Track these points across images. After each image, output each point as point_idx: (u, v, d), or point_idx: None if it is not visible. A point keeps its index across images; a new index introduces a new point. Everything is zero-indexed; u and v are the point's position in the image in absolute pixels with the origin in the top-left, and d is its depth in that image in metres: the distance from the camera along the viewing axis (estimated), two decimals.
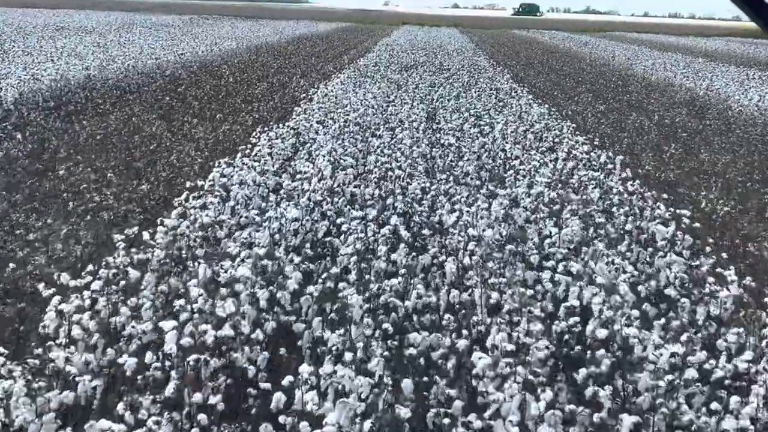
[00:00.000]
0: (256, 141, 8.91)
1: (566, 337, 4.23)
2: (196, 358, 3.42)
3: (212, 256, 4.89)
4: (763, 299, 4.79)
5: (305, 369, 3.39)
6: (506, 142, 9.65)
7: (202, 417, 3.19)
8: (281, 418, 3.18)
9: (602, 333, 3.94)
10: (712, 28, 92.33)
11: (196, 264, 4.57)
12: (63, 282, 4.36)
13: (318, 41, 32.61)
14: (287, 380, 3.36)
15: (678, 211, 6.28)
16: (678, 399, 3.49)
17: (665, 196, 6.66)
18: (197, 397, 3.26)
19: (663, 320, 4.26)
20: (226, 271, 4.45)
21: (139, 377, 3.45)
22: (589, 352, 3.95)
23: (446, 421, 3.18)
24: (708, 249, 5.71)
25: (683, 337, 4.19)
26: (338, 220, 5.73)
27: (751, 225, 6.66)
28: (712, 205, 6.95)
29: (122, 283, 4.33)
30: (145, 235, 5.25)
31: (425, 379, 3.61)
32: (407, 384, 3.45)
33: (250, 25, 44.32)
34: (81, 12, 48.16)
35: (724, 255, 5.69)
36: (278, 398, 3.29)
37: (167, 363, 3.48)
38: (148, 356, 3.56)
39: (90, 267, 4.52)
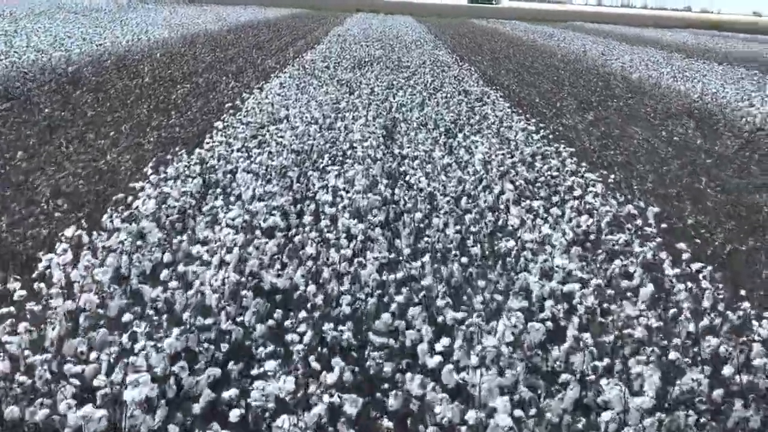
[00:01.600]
0: (142, 185, 6.22)
1: None
2: None
3: None
4: None
5: None
6: (493, 181, 7.18)
7: None
8: None
9: None
10: (667, 18, 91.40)
11: None
12: None
13: (263, 30, 29.77)
14: None
15: None
16: None
17: None
18: None
19: None
20: None
21: None
22: None
23: None
24: None
25: None
26: (228, 393, 3.14)
27: None
28: None
29: None
30: None
31: None
32: None
33: (191, 10, 41.12)
34: None
35: None
36: None
37: None
38: None
39: None
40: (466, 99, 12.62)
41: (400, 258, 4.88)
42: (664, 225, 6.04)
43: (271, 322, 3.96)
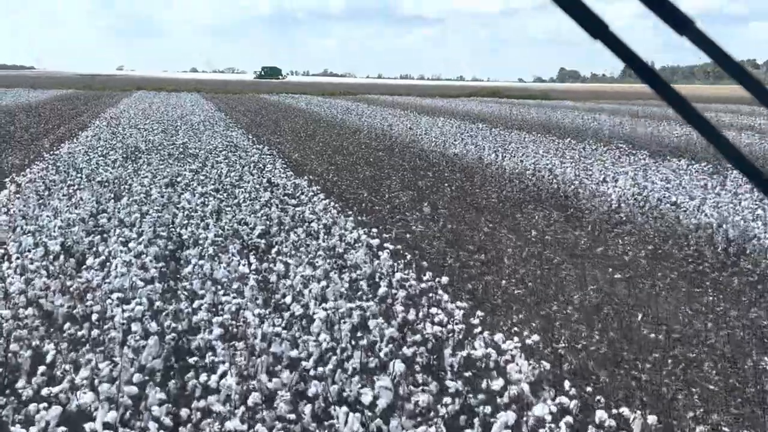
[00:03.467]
0: None
1: None
2: None
3: None
4: None
5: None
6: (349, 358, 4.33)
7: None
8: None
9: None
10: (450, 87, 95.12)
11: None
12: None
13: (20, 115, 25.28)
14: None
15: None
16: None
17: None
18: None
19: None
20: None
21: None
22: None
23: None
24: None
25: None
26: None
27: None
28: None
29: None
30: None
31: None
32: None
33: None
34: None
35: None
36: None
37: None
38: None
39: None
40: (275, 197, 9.79)
41: None
42: None
43: None
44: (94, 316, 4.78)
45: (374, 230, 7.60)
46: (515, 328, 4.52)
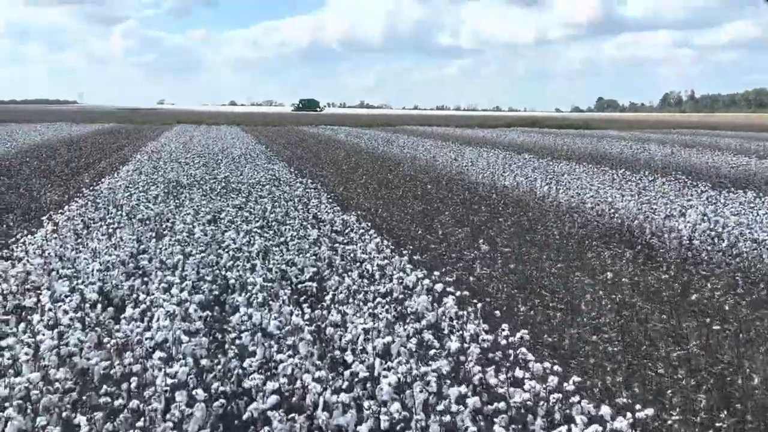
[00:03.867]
0: None
1: None
2: None
3: None
4: None
5: None
6: None
7: None
8: None
9: None
10: (486, 117, 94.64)
11: None
12: None
13: (62, 150, 25.25)
14: None
15: None
16: None
17: None
18: None
19: None
20: None
21: None
22: None
23: None
24: None
25: None
26: None
27: None
28: None
29: None
30: None
31: None
32: None
33: None
34: None
35: None
36: None
37: None
38: None
39: None
40: (324, 234, 9.21)
41: None
42: None
43: None
44: (133, 380, 4.20)
45: (435, 273, 6.94)
46: (623, 400, 3.82)
